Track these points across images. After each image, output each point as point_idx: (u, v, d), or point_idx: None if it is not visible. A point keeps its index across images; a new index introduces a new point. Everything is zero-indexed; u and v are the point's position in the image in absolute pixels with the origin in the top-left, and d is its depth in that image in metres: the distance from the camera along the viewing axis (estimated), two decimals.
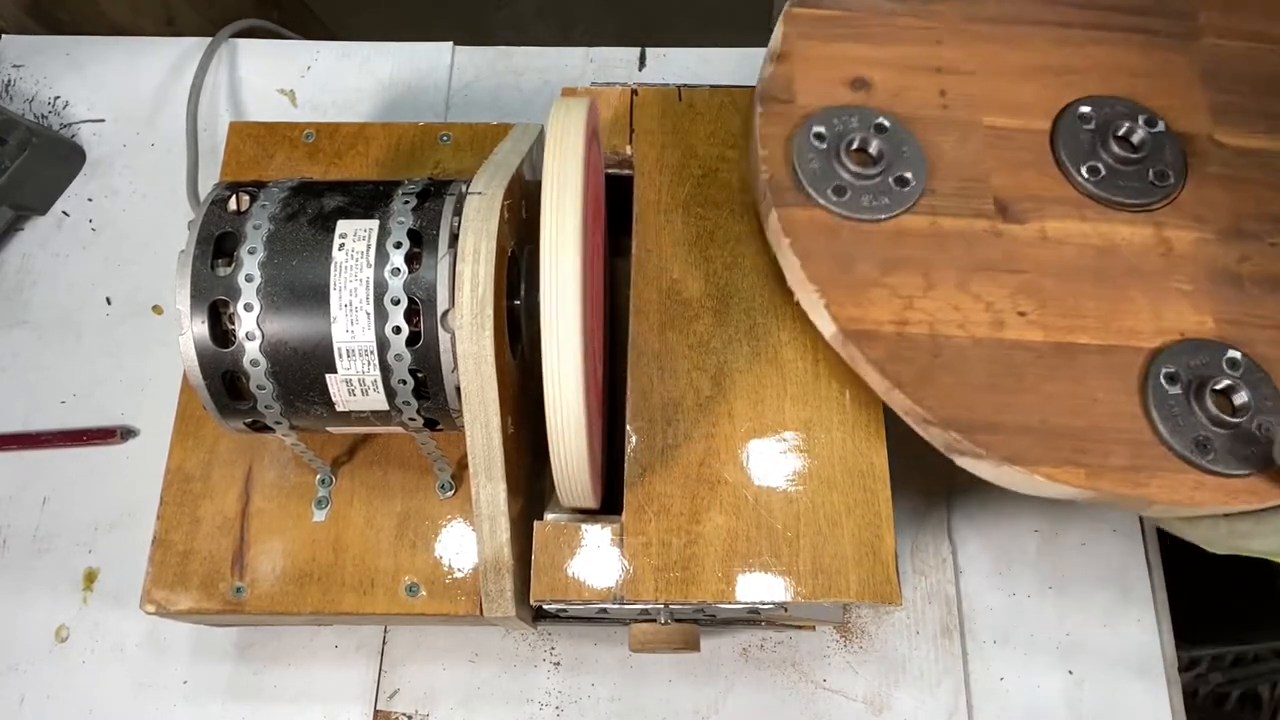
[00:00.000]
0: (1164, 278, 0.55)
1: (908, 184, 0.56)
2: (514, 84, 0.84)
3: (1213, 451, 0.50)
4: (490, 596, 0.51)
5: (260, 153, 0.66)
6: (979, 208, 0.56)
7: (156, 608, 0.56)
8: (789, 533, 0.53)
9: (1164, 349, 0.53)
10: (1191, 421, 0.51)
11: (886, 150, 0.56)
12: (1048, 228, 0.56)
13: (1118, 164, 0.57)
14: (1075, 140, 0.58)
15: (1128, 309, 0.54)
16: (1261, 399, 0.51)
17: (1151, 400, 0.51)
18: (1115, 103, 0.59)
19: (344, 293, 0.47)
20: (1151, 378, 0.52)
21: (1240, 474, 0.50)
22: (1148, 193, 0.57)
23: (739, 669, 0.66)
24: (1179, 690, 0.65)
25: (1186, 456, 0.50)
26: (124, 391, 0.74)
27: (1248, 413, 0.51)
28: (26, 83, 0.84)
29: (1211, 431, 0.50)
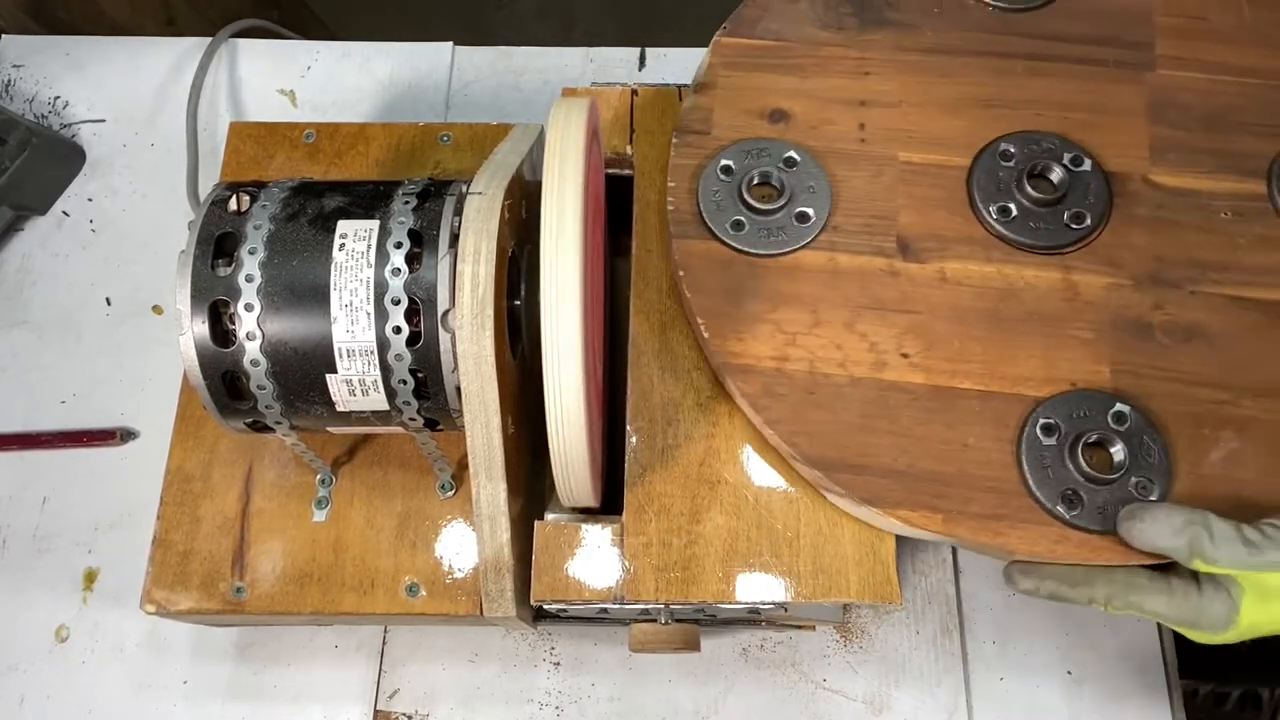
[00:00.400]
0: (1064, 324, 0.53)
1: (808, 220, 0.56)
2: (514, 84, 0.84)
3: (1080, 507, 0.49)
4: (490, 596, 0.51)
5: (260, 153, 0.66)
6: (880, 246, 0.55)
7: (156, 608, 0.56)
8: (789, 532, 0.53)
9: (1050, 399, 0.52)
10: (1062, 474, 0.50)
11: (792, 185, 0.56)
12: (948, 269, 0.55)
13: (1032, 204, 0.55)
14: (992, 178, 0.56)
15: (1019, 355, 0.53)
16: (1144, 456, 0.50)
17: (1024, 450, 0.50)
18: (1043, 139, 0.57)
19: (344, 293, 0.47)
20: (1028, 427, 0.51)
21: (1107, 532, 0.49)
22: (1061, 235, 0.55)
23: (739, 669, 0.66)
24: (1179, 690, 0.65)
25: (1051, 509, 0.49)
26: (124, 392, 0.74)
27: (1123, 470, 0.49)
28: (26, 83, 0.84)
29: (1082, 486, 0.49)
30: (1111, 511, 0.49)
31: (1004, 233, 0.55)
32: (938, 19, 0.61)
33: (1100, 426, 0.50)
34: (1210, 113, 0.58)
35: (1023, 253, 0.55)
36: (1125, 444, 0.50)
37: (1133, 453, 0.50)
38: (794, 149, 0.57)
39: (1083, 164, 0.56)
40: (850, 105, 0.59)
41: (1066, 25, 0.60)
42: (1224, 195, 0.56)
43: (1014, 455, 0.51)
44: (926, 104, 0.59)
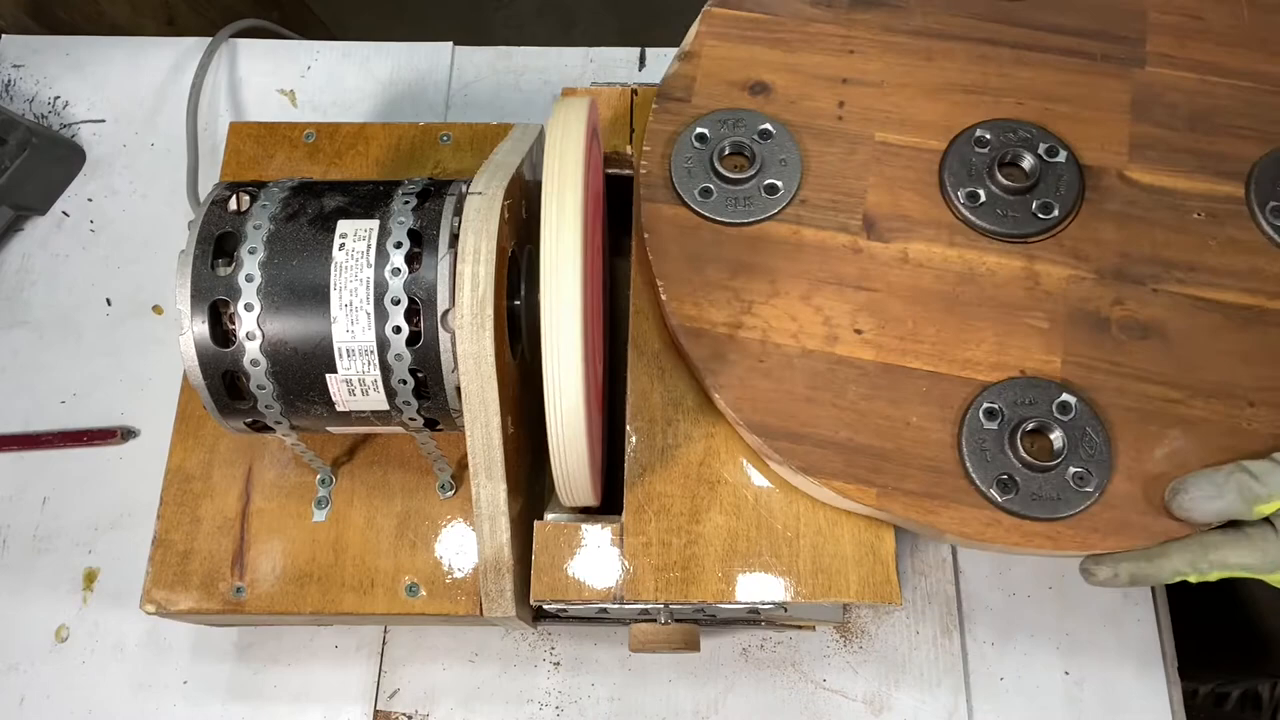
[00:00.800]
0: (1021, 312, 0.53)
1: (776, 191, 0.56)
2: (514, 84, 0.84)
3: (1014, 492, 0.50)
4: (490, 596, 0.51)
5: (260, 153, 0.66)
6: (845, 222, 0.56)
7: (156, 608, 0.56)
8: (789, 532, 0.53)
9: (996, 384, 0.52)
10: (1000, 459, 0.50)
11: (764, 157, 0.57)
12: (910, 249, 0.55)
13: (1001, 192, 0.56)
14: (965, 164, 0.56)
15: (971, 339, 0.53)
16: (1085, 448, 0.50)
17: (965, 432, 0.51)
18: (1020, 128, 0.57)
19: (344, 293, 0.47)
20: (971, 410, 0.51)
21: (1040, 518, 0.49)
22: (1027, 224, 0.55)
23: (739, 669, 0.66)
24: (1179, 690, 0.65)
25: (985, 492, 0.50)
26: (124, 391, 0.74)
27: (1061, 459, 0.50)
28: (26, 83, 0.84)
29: (1018, 472, 0.50)
30: (1046, 499, 0.49)
31: (970, 218, 0.56)
32: (928, 2, 0.61)
33: (1044, 415, 0.51)
34: (1196, 112, 0.57)
35: (987, 239, 0.55)
36: (1066, 434, 0.50)
37: (1073, 443, 0.50)
38: (770, 121, 0.58)
39: (1058, 155, 0.56)
40: (832, 82, 0.59)
41: (1057, 16, 0.60)
42: (1199, 196, 0.56)
43: (954, 436, 0.51)
44: (908, 86, 0.59)
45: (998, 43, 0.60)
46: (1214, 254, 0.54)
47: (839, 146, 0.58)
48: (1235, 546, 0.48)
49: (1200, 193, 0.56)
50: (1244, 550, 0.48)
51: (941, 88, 0.59)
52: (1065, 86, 0.58)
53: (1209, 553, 0.48)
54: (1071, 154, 0.57)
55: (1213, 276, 0.54)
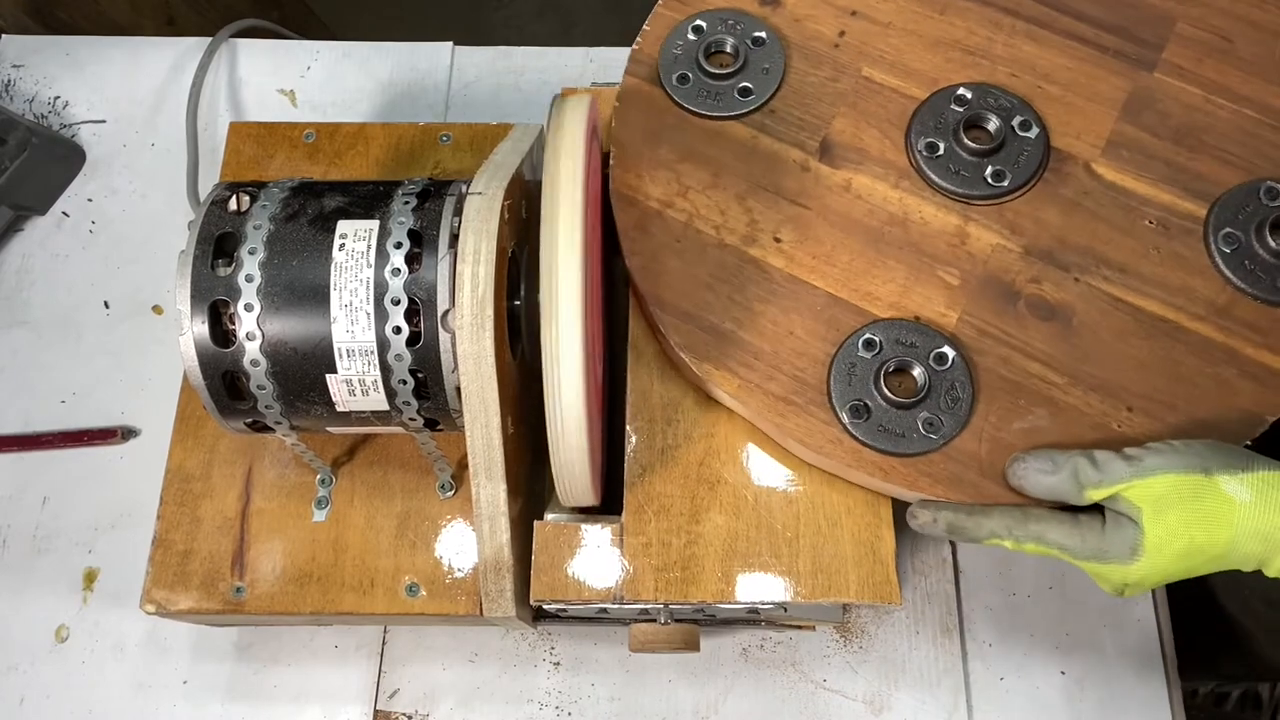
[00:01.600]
0: (938, 264, 0.55)
1: (749, 95, 0.59)
2: (514, 84, 0.84)
3: (863, 419, 0.51)
4: (490, 596, 0.51)
5: (260, 153, 0.66)
6: (803, 141, 0.58)
7: (156, 607, 0.56)
8: (788, 532, 0.53)
9: (887, 320, 0.54)
10: (862, 387, 0.52)
11: (750, 61, 0.59)
12: (855, 181, 0.57)
13: (961, 149, 0.56)
14: (936, 116, 0.57)
15: (880, 276, 0.55)
16: (947, 399, 0.52)
17: (840, 354, 0.53)
18: (1003, 97, 0.57)
19: (344, 293, 0.47)
20: (853, 337, 0.53)
21: (879, 449, 0.51)
22: (975, 186, 0.56)
23: (739, 669, 0.66)
24: (1179, 690, 0.65)
25: (837, 412, 0.52)
26: (124, 391, 0.74)
27: (918, 402, 0.51)
28: (26, 83, 0.84)
29: (874, 402, 0.52)
30: (892, 433, 0.51)
31: (923, 167, 0.57)
32: None
33: (918, 359, 0.52)
34: (1187, 127, 0.57)
35: (931, 190, 0.57)
36: (932, 381, 0.52)
37: (936, 391, 0.52)
38: (767, 30, 0.60)
39: (1030, 130, 0.57)
40: (841, 11, 0.61)
41: (1084, 3, 0.60)
42: (1158, 205, 0.55)
43: (829, 356, 0.53)
44: (913, 33, 0.60)
45: (1015, 14, 0.60)
46: (1151, 263, 0.54)
47: (824, 71, 0.59)
48: (1058, 525, 0.48)
49: (1160, 203, 0.55)
50: (1065, 530, 0.48)
51: (944, 42, 0.60)
52: (1065, 70, 0.59)
53: (1029, 522, 0.49)
54: (1044, 132, 0.57)
55: (1141, 283, 0.54)
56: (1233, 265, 0.53)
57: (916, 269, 0.55)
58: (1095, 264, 0.54)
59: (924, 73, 0.59)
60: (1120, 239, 0.55)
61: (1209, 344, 0.52)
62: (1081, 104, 0.58)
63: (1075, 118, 0.57)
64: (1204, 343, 0.52)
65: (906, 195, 0.56)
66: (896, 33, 0.60)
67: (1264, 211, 0.54)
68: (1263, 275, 0.53)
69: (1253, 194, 0.54)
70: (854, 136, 0.58)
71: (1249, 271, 0.53)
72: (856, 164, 0.57)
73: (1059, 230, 0.55)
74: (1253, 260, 0.53)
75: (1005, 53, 0.59)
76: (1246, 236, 0.54)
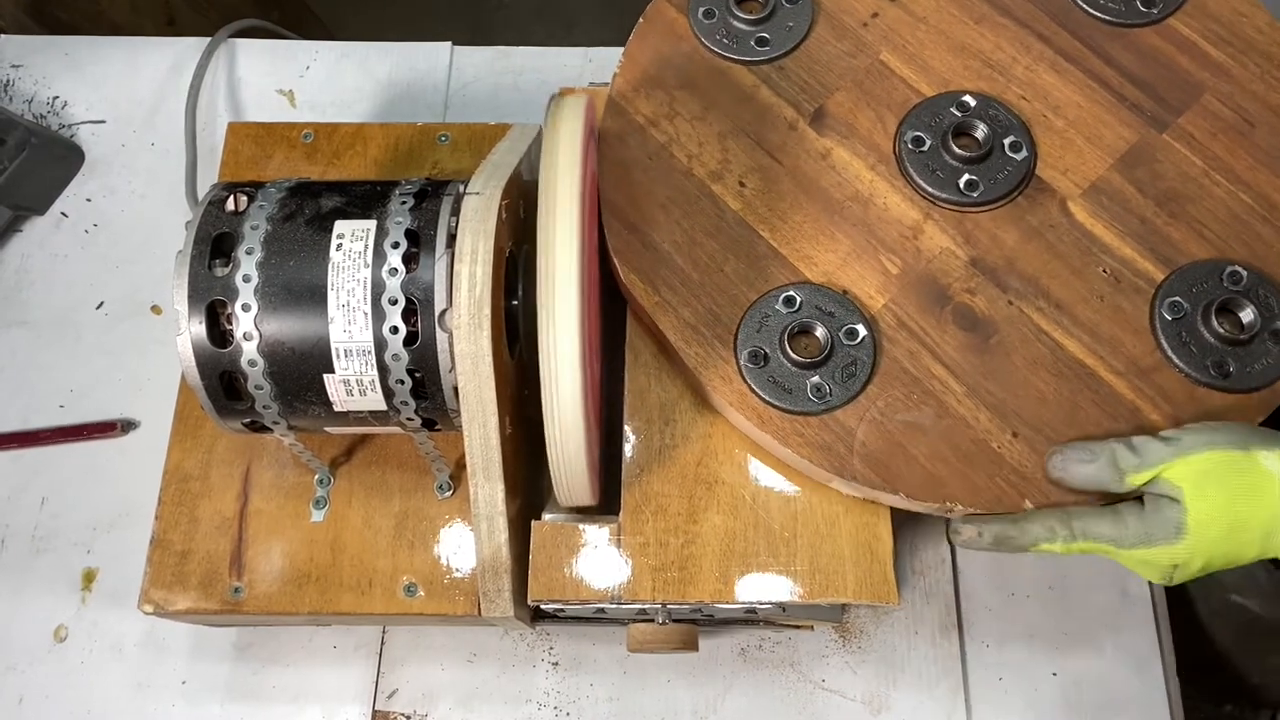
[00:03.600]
0: (883, 250, 0.56)
1: (765, 46, 0.60)
2: (513, 84, 0.84)
3: (759, 365, 0.53)
4: (488, 596, 0.51)
5: (259, 153, 0.66)
6: (800, 102, 0.59)
7: (154, 608, 0.56)
8: (786, 532, 0.53)
9: (816, 284, 0.55)
10: (767, 339, 0.53)
11: (777, 14, 0.60)
12: (835, 152, 0.58)
13: (945, 152, 0.57)
14: (933, 115, 0.58)
15: (826, 245, 0.56)
16: (843, 373, 0.53)
17: (760, 302, 0.54)
18: (1005, 114, 0.58)
19: (341, 293, 0.47)
20: (778, 290, 0.54)
21: (763, 397, 0.52)
22: (945, 188, 0.56)
23: (737, 669, 0.66)
24: (1177, 690, 0.65)
25: (737, 353, 0.53)
26: (123, 391, 0.73)
27: (814, 366, 0.52)
28: (25, 83, 0.84)
29: (773, 353, 0.53)
30: (780, 387, 0.52)
31: (903, 157, 0.57)
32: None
33: (829, 327, 0.53)
34: (1174, 192, 0.57)
35: (903, 181, 0.57)
36: (835, 350, 0.53)
37: (834, 363, 0.53)
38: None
39: (1019, 151, 0.57)
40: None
41: (1121, 52, 0.60)
42: (1118, 256, 0.55)
43: (749, 301, 0.54)
44: (942, 34, 0.60)
45: (1048, 42, 0.60)
46: (1091, 308, 0.54)
47: (845, 45, 0.60)
48: (1101, 518, 0.49)
49: (1121, 255, 0.55)
50: (1109, 523, 0.48)
51: (968, 49, 0.60)
52: (1076, 107, 0.59)
53: (1072, 520, 0.49)
54: (1032, 158, 0.57)
55: (1072, 323, 0.54)
56: (1169, 333, 0.53)
57: (861, 248, 0.56)
58: (1034, 293, 0.55)
59: (939, 73, 0.59)
60: (1068, 277, 0.55)
61: (1116, 399, 0.52)
62: (1080, 143, 0.58)
63: (1069, 154, 0.58)
64: (1112, 396, 0.52)
65: (878, 179, 0.57)
66: (927, 29, 0.60)
67: (1219, 293, 0.53)
68: (1195, 351, 0.53)
69: (1215, 273, 0.54)
70: (849, 112, 0.59)
71: (1183, 344, 0.53)
72: (842, 137, 0.58)
73: (1011, 253, 0.55)
74: (1191, 334, 0.53)
75: (1024, 75, 0.59)
76: (1193, 311, 0.53)
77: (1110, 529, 0.48)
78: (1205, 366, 0.52)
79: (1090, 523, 0.49)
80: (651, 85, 0.60)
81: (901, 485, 0.51)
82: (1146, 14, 0.60)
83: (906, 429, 0.52)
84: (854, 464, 0.51)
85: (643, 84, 0.60)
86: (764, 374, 0.53)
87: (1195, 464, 0.46)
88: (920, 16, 0.61)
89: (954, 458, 0.51)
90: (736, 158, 0.58)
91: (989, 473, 0.51)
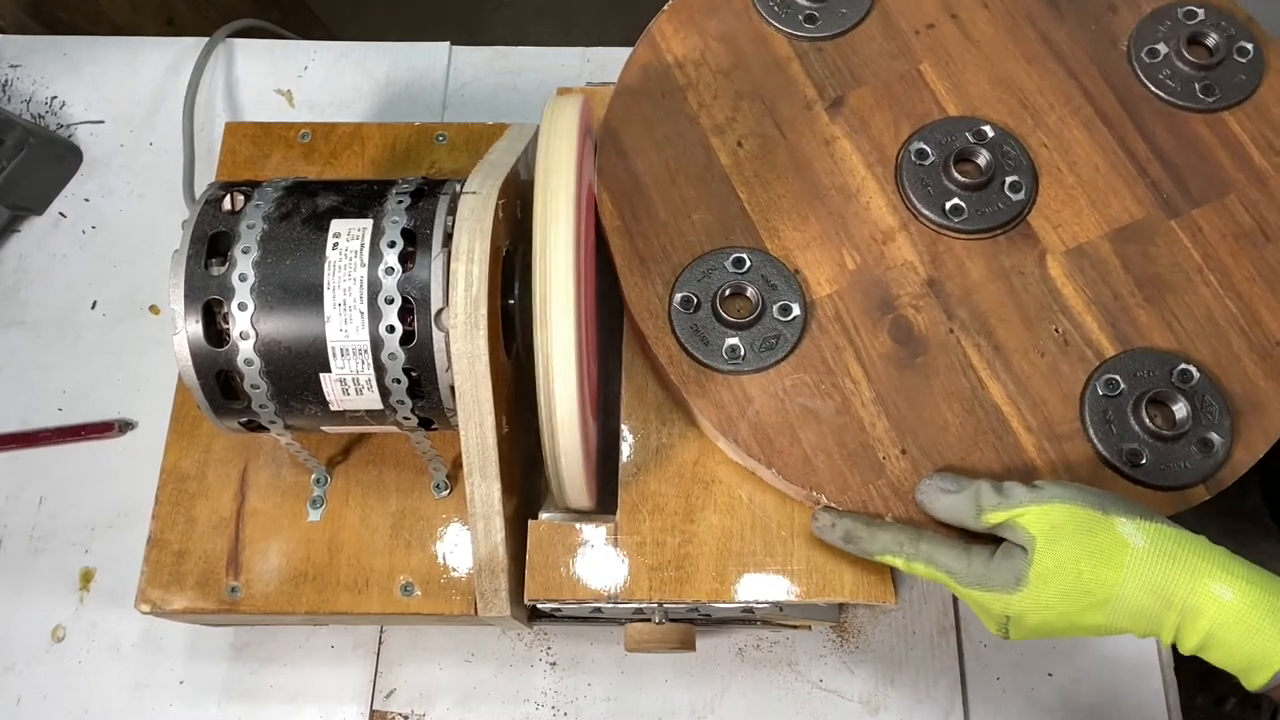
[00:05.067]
0: (850, 246, 0.56)
1: (812, 24, 0.61)
2: (511, 84, 0.84)
3: (687, 311, 0.54)
4: (485, 596, 0.51)
5: (256, 153, 0.66)
6: (825, 86, 0.60)
7: (152, 607, 0.56)
8: (783, 531, 0.53)
9: (769, 257, 0.55)
10: (704, 291, 0.54)
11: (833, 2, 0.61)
12: (838, 142, 0.59)
13: (943, 173, 0.56)
14: (946, 135, 0.58)
15: (796, 224, 0.57)
16: (761, 345, 0.53)
17: (709, 256, 0.55)
18: (1018, 153, 0.57)
19: (338, 292, 0.47)
20: (730, 251, 0.55)
21: (679, 341, 0.54)
22: (929, 205, 0.56)
23: (735, 669, 0.66)
24: (1175, 690, 0.65)
25: (673, 296, 0.55)
26: (121, 391, 0.74)
27: (737, 329, 0.53)
28: (24, 82, 0.84)
29: (704, 308, 0.54)
30: (701, 337, 0.54)
31: (902, 165, 0.57)
32: (1087, 31, 0.61)
33: (767, 298, 0.54)
34: (1159, 279, 0.55)
35: (893, 188, 0.57)
36: (761, 320, 0.54)
37: (757, 331, 0.54)
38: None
39: (1018, 192, 0.56)
40: (946, 8, 0.62)
41: (1161, 129, 0.59)
42: (1076, 321, 0.54)
43: (697, 254, 0.56)
44: (989, 61, 0.60)
45: (1091, 99, 0.59)
46: (1028, 361, 0.54)
47: (890, 45, 0.61)
48: (948, 548, 0.48)
49: (1080, 321, 0.54)
50: (955, 554, 0.47)
51: (1009, 84, 0.60)
52: (1094, 169, 0.58)
53: (921, 542, 0.48)
54: (1029, 204, 0.56)
55: (1004, 369, 0.53)
56: (1095, 408, 0.52)
57: (828, 236, 0.56)
58: (978, 330, 0.54)
59: (970, 97, 0.59)
60: (1018, 325, 0.54)
61: (1017, 451, 0.52)
62: (1084, 203, 0.57)
63: (1067, 211, 0.57)
64: (1014, 448, 0.52)
65: (870, 179, 0.58)
66: (976, 53, 0.60)
67: (1161, 385, 0.52)
68: (1114, 432, 0.52)
69: (1167, 365, 0.53)
70: (868, 108, 0.59)
71: (1105, 421, 0.52)
72: (851, 130, 0.59)
73: (971, 285, 0.55)
74: (1117, 415, 0.52)
75: (1054, 124, 0.59)
76: (1128, 394, 0.52)
77: (953, 561, 0.47)
78: (1119, 450, 0.51)
79: (937, 549, 0.48)
80: (693, 29, 0.61)
81: (777, 462, 0.51)
82: (1203, 102, 0.59)
83: (803, 413, 0.53)
84: (741, 429, 0.52)
85: (687, 23, 0.61)
86: (687, 320, 0.54)
87: (1051, 515, 0.45)
88: (974, 40, 0.60)
89: (838, 453, 0.52)
90: (745, 119, 0.59)
91: (865, 478, 0.51)
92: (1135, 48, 0.60)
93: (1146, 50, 0.60)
